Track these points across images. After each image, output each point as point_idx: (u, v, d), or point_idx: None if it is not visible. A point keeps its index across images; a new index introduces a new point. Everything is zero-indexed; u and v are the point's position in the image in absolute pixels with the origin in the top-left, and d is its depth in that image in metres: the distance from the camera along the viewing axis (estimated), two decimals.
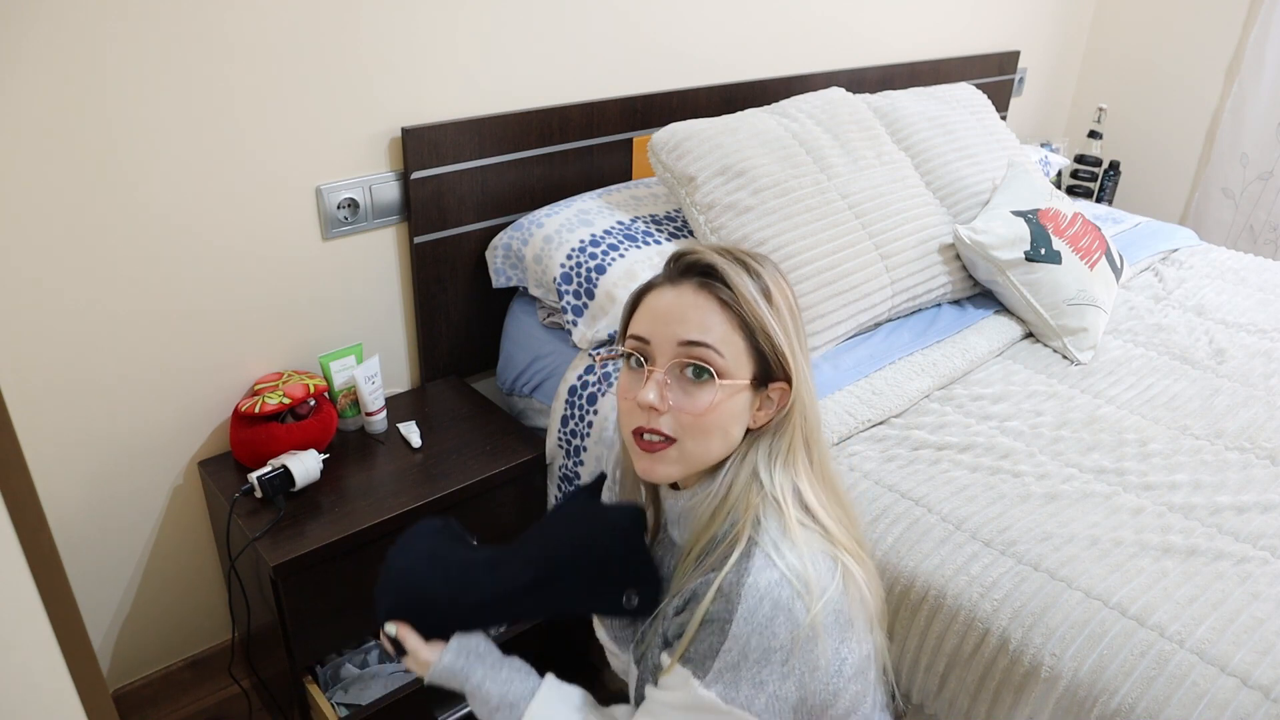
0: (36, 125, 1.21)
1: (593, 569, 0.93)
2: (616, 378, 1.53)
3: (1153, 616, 1.07)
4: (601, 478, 1.08)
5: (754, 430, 0.90)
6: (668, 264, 0.93)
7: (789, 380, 0.89)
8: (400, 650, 0.96)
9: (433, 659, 0.94)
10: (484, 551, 0.99)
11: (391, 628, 0.95)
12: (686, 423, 0.86)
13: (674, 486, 0.96)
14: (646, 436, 0.88)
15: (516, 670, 0.96)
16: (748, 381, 0.88)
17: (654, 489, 1.01)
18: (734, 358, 0.87)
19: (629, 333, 0.91)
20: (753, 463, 0.89)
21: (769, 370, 0.88)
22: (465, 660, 0.94)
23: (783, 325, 0.89)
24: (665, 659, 0.87)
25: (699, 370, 0.86)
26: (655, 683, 0.88)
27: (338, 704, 1.42)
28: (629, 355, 0.90)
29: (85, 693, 0.66)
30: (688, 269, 0.90)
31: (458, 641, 0.95)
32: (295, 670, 1.38)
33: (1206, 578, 1.14)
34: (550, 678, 0.97)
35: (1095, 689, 1.02)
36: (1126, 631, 1.06)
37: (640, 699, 0.94)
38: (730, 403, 0.87)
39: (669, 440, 0.87)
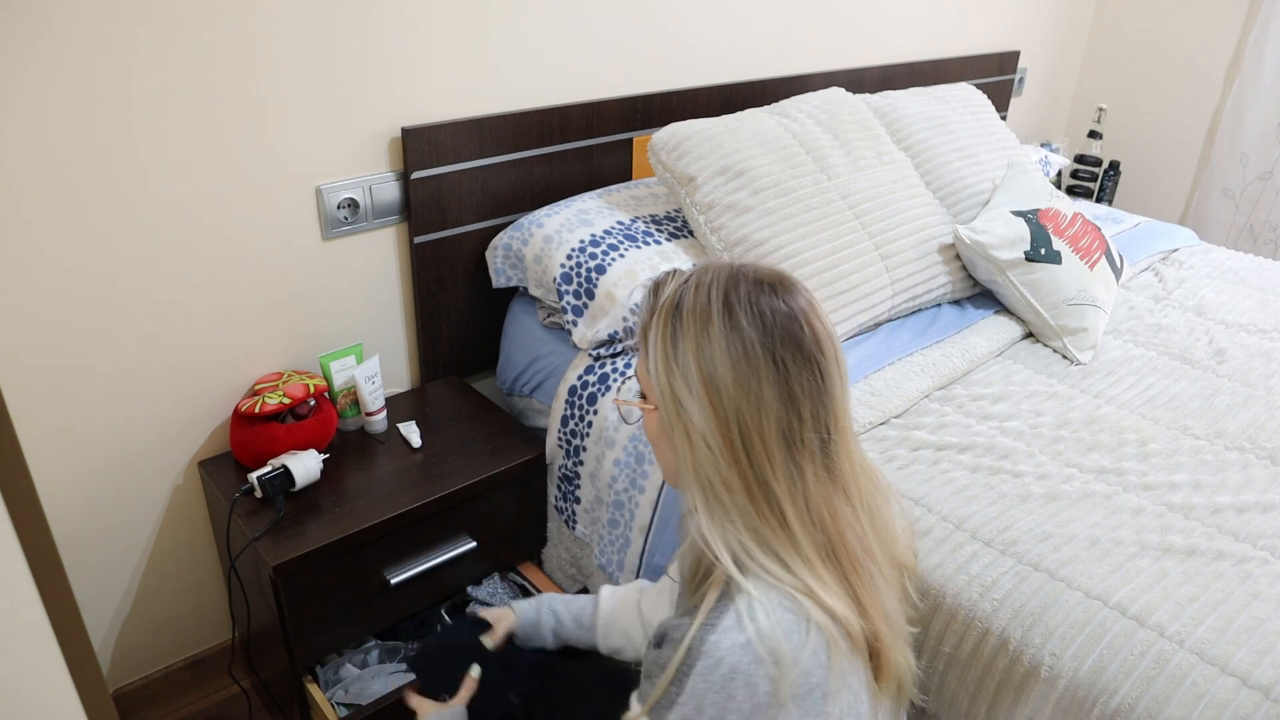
0: (39, 125, 1.21)
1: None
2: (615, 379, 1.53)
3: (1153, 616, 1.07)
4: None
5: None
6: None
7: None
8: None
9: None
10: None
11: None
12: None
13: None
14: None
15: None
16: (655, 406, 0.85)
17: None
18: (645, 377, 0.86)
19: None
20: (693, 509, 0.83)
21: None
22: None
23: (663, 341, 0.81)
24: (634, 701, 0.84)
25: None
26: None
27: (338, 704, 1.42)
28: None
29: (85, 693, 0.66)
30: None
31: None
32: (295, 670, 1.38)
33: (1206, 578, 1.14)
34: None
35: (1095, 689, 1.02)
36: (1126, 631, 1.06)
37: None
38: (650, 420, 0.87)
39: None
